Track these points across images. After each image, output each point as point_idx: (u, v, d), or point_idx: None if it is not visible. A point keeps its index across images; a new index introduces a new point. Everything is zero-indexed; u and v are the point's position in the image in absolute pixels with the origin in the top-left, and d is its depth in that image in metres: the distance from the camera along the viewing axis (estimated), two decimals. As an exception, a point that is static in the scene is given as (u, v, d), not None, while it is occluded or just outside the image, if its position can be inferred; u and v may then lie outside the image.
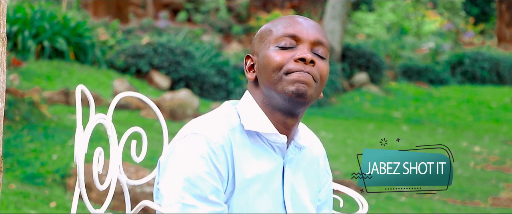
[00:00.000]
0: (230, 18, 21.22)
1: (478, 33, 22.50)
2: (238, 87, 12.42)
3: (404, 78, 16.37)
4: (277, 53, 2.08)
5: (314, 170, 2.22)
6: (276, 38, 2.10)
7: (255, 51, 2.15)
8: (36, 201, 5.72)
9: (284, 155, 2.13)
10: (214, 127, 2.07)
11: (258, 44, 2.14)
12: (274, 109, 2.10)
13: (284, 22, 2.12)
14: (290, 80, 2.06)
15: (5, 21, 2.01)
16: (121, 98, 2.18)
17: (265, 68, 2.08)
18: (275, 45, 2.09)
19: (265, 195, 2.09)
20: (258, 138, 2.10)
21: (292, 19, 2.13)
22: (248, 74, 2.14)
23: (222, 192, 2.04)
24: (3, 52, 2.01)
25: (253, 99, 2.13)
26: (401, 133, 11.07)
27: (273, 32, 2.11)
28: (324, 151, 2.27)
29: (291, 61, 2.07)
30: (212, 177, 2.02)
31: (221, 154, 2.04)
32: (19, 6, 11.78)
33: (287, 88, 2.06)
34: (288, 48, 2.08)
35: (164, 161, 2.07)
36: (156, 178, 2.13)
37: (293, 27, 2.10)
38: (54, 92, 9.48)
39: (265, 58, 2.09)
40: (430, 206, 6.84)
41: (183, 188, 2.00)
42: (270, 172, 2.10)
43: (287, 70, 2.07)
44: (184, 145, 2.04)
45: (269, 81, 2.08)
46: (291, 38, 2.09)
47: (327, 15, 14.28)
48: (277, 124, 2.11)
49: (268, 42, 2.11)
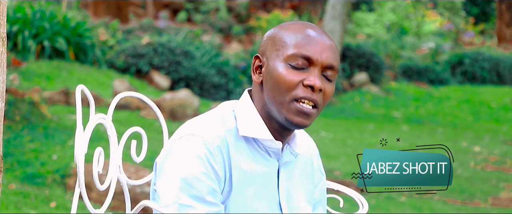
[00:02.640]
0: (230, 18, 21.22)
1: (478, 33, 22.50)
2: (238, 87, 12.42)
3: (404, 78, 16.37)
4: (288, 73, 2.04)
5: (308, 170, 2.23)
6: (289, 56, 2.05)
7: (265, 53, 2.10)
8: (36, 201, 5.72)
9: (278, 158, 2.13)
10: (210, 127, 2.07)
11: (269, 48, 2.09)
12: (272, 119, 2.10)
13: (301, 37, 2.06)
14: (295, 110, 2.05)
15: (5, 21, 2.01)
16: (121, 98, 2.18)
17: (273, 84, 2.05)
18: (287, 63, 2.05)
19: (261, 197, 2.09)
20: (253, 142, 2.10)
21: (309, 35, 2.07)
22: (255, 76, 2.11)
23: (219, 193, 2.04)
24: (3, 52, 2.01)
25: (251, 103, 2.11)
26: (401, 133, 11.07)
27: (287, 46, 2.06)
28: (317, 150, 2.27)
29: (300, 86, 2.04)
30: (209, 177, 2.02)
31: (218, 154, 2.04)
32: (19, 6, 11.78)
33: (290, 117, 2.06)
34: (300, 68, 2.05)
35: (161, 161, 2.07)
36: (153, 179, 2.13)
37: (308, 47, 2.05)
38: (54, 92, 9.48)
39: (274, 72, 2.05)
40: (430, 206, 6.84)
41: (180, 189, 2.01)
42: (266, 174, 2.10)
43: (295, 97, 2.04)
44: (181, 145, 2.04)
45: (275, 98, 2.06)
46: (305, 59, 2.05)
47: (327, 15, 14.28)
48: (273, 131, 2.10)
49: (281, 54, 2.06)
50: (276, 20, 19.48)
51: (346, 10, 14.25)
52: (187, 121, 2.14)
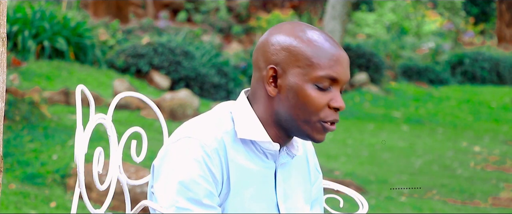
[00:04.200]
0: (230, 18, 21.24)
1: (478, 33, 22.52)
2: (238, 87, 12.43)
3: (404, 78, 16.37)
4: (317, 95, 2.03)
5: (305, 169, 2.23)
6: (318, 78, 2.03)
7: (280, 65, 2.05)
8: (36, 201, 5.72)
9: (275, 160, 2.13)
10: (208, 129, 2.06)
11: (288, 62, 2.04)
12: (281, 129, 2.09)
13: (329, 56, 2.04)
14: (321, 129, 2.06)
15: (5, 21, 2.01)
16: (121, 98, 2.18)
17: (298, 104, 2.04)
18: (314, 84, 2.03)
19: (259, 198, 2.09)
20: (250, 143, 2.10)
21: (333, 54, 2.04)
22: (270, 88, 2.06)
23: (216, 196, 2.04)
24: (3, 52, 2.01)
25: (249, 105, 2.10)
26: (401, 133, 11.07)
27: (315, 66, 2.03)
28: (313, 148, 2.28)
29: (326, 108, 2.05)
30: (206, 180, 2.02)
31: (216, 157, 2.04)
32: (19, 6, 11.78)
33: (313, 134, 2.06)
34: (325, 89, 2.05)
35: (158, 164, 2.07)
36: (150, 182, 2.12)
37: (335, 68, 2.03)
38: (54, 92, 9.48)
39: (301, 93, 2.03)
40: (430, 206, 6.84)
41: (177, 192, 2.01)
42: (263, 176, 2.10)
43: (323, 119, 2.05)
44: (178, 148, 2.04)
45: (298, 116, 2.05)
46: (331, 80, 2.04)
47: (327, 15, 14.29)
48: (275, 136, 2.10)
49: (307, 74, 2.03)
50: (276, 20, 19.49)
51: (346, 10, 14.26)
52: (184, 122, 2.13)
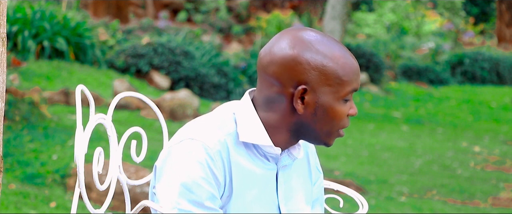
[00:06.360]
0: (230, 18, 21.24)
1: (478, 33, 22.51)
2: (238, 87, 12.43)
3: (404, 78, 16.37)
4: (344, 109, 2.07)
5: (305, 169, 2.23)
6: (346, 93, 2.05)
7: (310, 84, 2.04)
8: (36, 201, 5.72)
9: (277, 162, 2.13)
10: (211, 131, 2.06)
11: (319, 82, 2.04)
12: (294, 136, 2.10)
13: (353, 70, 2.06)
14: (337, 135, 2.11)
15: (5, 21, 2.01)
16: (121, 98, 2.17)
17: (327, 119, 2.06)
18: (344, 99, 2.06)
19: (260, 200, 2.09)
20: (252, 146, 2.10)
21: (356, 66, 2.08)
22: (298, 106, 2.05)
23: (218, 198, 2.04)
24: (3, 52, 2.01)
25: (253, 108, 2.09)
26: (401, 133, 11.07)
27: (344, 83, 2.05)
28: (313, 147, 2.27)
29: (346, 117, 2.09)
30: (209, 183, 2.02)
31: (218, 159, 2.04)
32: (19, 6, 11.78)
33: (329, 142, 2.12)
34: (348, 100, 2.09)
35: (160, 165, 2.07)
36: (152, 182, 2.12)
37: (358, 79, 2.09)
38: (54, 92, 9.48)
39: (332, 110, 2.05)
40: (430, 206, 6.84)
41: (179, 194, 2.00)
42: (264, 178, 2.10)
43: (343, 127, 2.10)
44: (181, 149, 2.04)
45: (322, 129, 2.08)
46: (353, 91, 2.10)
47: (327, 15, 14.29)
48: (281, 141, 2.10)
49: (337, 92, 2.05)
50: (276, 20, 19.48)
51: (346, 10, 14.26)
52: (187, 123, 2.13)
